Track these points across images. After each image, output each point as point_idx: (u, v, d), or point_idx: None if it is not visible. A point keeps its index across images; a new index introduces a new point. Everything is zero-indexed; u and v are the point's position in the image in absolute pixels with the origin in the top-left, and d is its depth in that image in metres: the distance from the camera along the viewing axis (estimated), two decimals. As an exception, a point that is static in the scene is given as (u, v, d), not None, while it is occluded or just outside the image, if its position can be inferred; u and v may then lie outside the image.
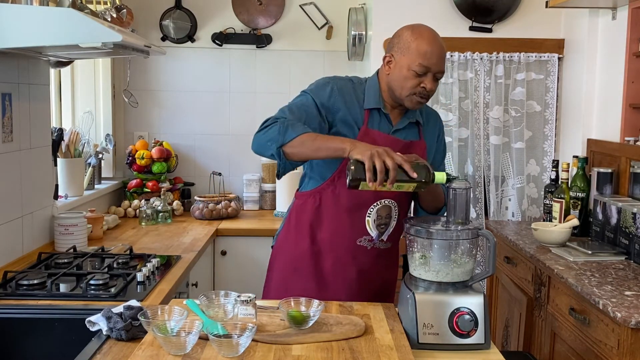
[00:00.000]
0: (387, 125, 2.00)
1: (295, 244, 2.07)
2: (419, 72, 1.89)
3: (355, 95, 1.99)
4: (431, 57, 1.87)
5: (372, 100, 1.99)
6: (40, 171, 2.71)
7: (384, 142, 1.92)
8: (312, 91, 2.00)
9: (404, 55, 1.91)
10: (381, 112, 2.00)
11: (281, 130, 1.82)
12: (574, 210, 2.93)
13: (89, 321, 1.68)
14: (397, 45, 1.93)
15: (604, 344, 2.01)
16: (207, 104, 4.00)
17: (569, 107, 3.48)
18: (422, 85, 1.90)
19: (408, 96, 1.93)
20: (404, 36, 1.93)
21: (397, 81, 1.93)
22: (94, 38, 2.04)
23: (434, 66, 1.89)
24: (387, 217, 2.01)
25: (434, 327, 1.63)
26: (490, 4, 3.50)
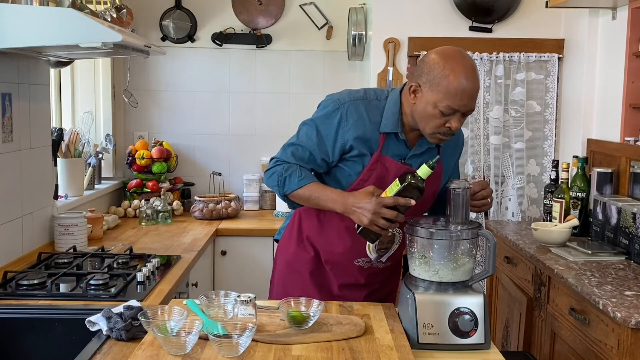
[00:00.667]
0: (403, 149, 1.90)
1: (297, 247, 2.04)
2: (445, 113, 1.75)
3: (369, 116, 1.86)
4: (462, 99, 1.72)
5: (389, 124, 1.86)
6: (40, 171, 2.71)
7: (395, 172, 1.86)
8: (318, 120, 1.90)
9: (432, 90, 1.75)
10: (398, 137, 1.89)
11: (279, 183, 1.88)
12: (574, 210, 2.93)
13: (89, 321, 1.68)
14: (427, 76, 1.77)
15: (604, 344, 2.01)
16: (207, 104, 4.00)
17: (569, 107, 3.48)
18: (447, 125, 1.77)
19: (431, 134, 1.81)
20: (435, 68, 1.75)
21: (421, 116, 1.80)
22: (94, 38, 2.04)
23: (464, 108, 1.75)
24: (389, 243, 1.96)
25: (434, 327, 1.63)
26: (490, 4, 3.50)
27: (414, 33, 3.51)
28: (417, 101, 1.80)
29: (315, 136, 1.89)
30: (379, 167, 1.87)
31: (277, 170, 1.89)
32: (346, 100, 1.88)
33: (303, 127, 1.94)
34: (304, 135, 1.92)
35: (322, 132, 1.88)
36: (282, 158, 1.91)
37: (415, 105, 1.81)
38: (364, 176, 1.88)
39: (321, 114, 1.91)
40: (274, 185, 1.91)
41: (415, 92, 1.81)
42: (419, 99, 1.80)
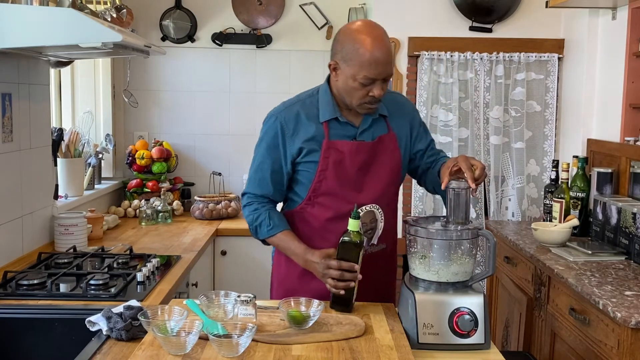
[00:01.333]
0: (350, 130, 1.95)
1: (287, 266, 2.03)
2: (365, 84, 1.82)
3: (307, 114, 1.94)
4: (377, 67, 1.79)
5: (327, 112, 1.93)
6: (40, 171, 2.71)
7: (349, 150, 1.91)
8: (264, 138, 1.99)
9: (347, 65, 1.83)
10: (340, 121, 1.94)
11: (252, 230, 1.99)
12: (574, 210, 2.93)
13: (89, 321, 1.68)
14: (340, 53, 1.85)
15: (604, 344, 2.01)
16: (207, 104, 4.00)
17: (569, 107, 3.48)
18: (370, 94, 1.84)
19: (359, 105, 1.88)
20: (346, 44, 1.83)
21: (345, 90, 1.87)
22: (94, 38, 2.04)
23: (380, 75, 1.81)
24: (372, 222, 1.96)
25: (434, 327, 1.63)
26: (490, 4, 3.50)
27: (414, 33, 3.51)
28: (339, 78, 1.88)
29: (268, 155, 1.97)
30: (333, 153, 1.92)
31: (248, 219, 1.99)
32: (281, 110, 1.99)
33: (255, 152, 2.03)
34: (258, 160, 2.00)
35: (271, 147, 1.96)
36: (250, 191, 2.01)
37: (337, 82, 1.90)
38: (322, 166, 1.92)
39: (264, 132, 2.00)
40: (250, 228, 2.01)
41: (335, 69, 1.89)
42: (339, 75, 1.87)
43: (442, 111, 3.52)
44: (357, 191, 1.94)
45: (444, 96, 3.51)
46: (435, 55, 3.48)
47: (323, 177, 1.92)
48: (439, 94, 3.52)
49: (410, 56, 3.53)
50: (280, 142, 1.95)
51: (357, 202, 1.90)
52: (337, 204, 1.93)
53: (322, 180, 1.92)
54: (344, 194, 1.93)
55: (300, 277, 1.99)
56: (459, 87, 3.49)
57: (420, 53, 3.49)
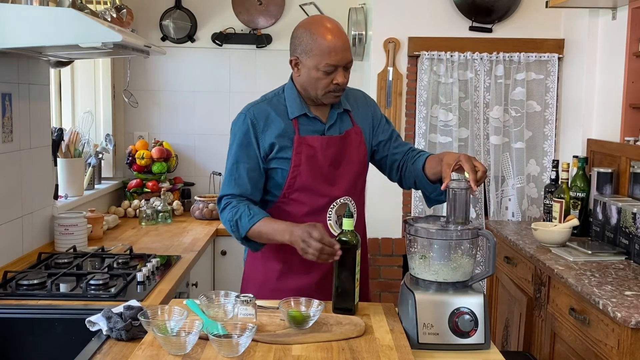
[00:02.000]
0: (319, 125, 1.98)
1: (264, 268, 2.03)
2: (328, 72, 1.87)
3: (275, 111, 1.97)
4: (336, 53, 1.86)
5: (295, 109, 1.97)
6: (40, 171, 2.71)
7: (320, 144, 1.94)
8: (235, 137, 1.99)
9: (308, 56, 1.89)
10: (308, 116, 1.97)
11: (233, 229, 1.91)
12: (574, 210, 2.93)
13: (89, 321, 1.68)
14: (299, 47, 1.91)
15: (604, 344, 2.01)
16: (207, 104, 4.00)
17: (569, 107, 3.48)
18: (334, 82, 1.89)
19: (324, 95, 1.92)
20: (303, 37, 1.90)
21: (309, 82, 1.92)
22: (94, 38, 2.04)
23: (341, 61, 1.87)
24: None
25: (434, 327, 1.63)
26: (490, 4, 3.50)
27: (414, 33, 3.51)
28: (301, 72, 1.94)
29: (242, 154, 1.96)
30: (304, 148, 1.93)
31: (227, 217, 1.92)
32: (249, 107, 2.01)
33: (228, 154, 2.01)
34: (232, 160, 1.98)
35: (244, 145, 1.96)
36: (228, 192, 1.95)
37: (300, 77, 1.95)
38: (295, 162, 1.93)
39: (234, 131, 2.01)
40: (230, 230, 1.94)
41: (297, 64, 1.95)
42: (301, 69, 1.93)
43: (442, 111, 3.52)
44: (330, 185, 1.97)
45: (444, 96, 3.51)
46: (435, 55, 3.48)
47: (297, 173, 1.93)
48: (439, 94, 3.52)
49: (410, 56, 3.53)
50: (253, 139, 1.96)
51: (331, 195, 1.95)
52: (312, 199, 1.95)
53: (297, 175, 1.94)
54: (318, 189, 1.95)
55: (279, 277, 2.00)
56: (459, 87, 3.49)
57: (420, 53, 3.49)
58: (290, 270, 2.00)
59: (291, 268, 2.00)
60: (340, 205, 1.98)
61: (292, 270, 2.00)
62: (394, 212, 3.63)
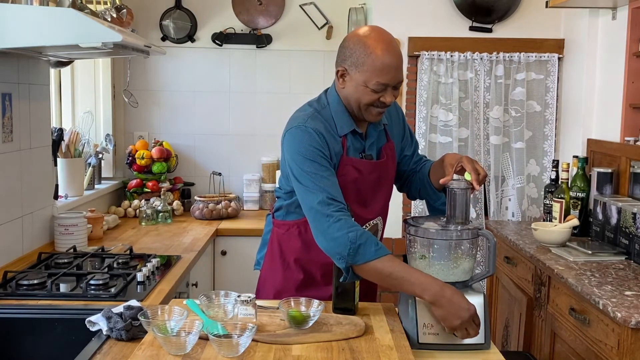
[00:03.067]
0: (359, 143, 1.89)
1: (284, 276, 2.00)
2: (377, 90, 1.77)
3: (327, 126, 1.83)
4: (389, 72, 1.75)
5: (345, 125, 1.85)
6: (40, 171, 2.71)
7: (365, 168, 1.87)
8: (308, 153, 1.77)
9: (358, 70, 1.77)
10: (355, 133, 1.88)
11: (351, 251, 1.64)
12: (574, 210, 2.93)
13: (89, 321, 1.68)
14: (350, 59, 1.79)
15: (604, 344, 2.01)
16: (207, 104, 4.00)
17: (569, 107, 3.48)
18: (381, 100, 1.79)
19: (367, 110, 1.81)
20: (356, 49, 1.77)
21: (354, 96, 1.80)
22: (94, 38, 2.04)
23: (392, 80, 1.77)
24: (374, 234, 1.92)
25: (434, 327, 1.63)
26: (490, 4, 3.50)
27: (414, 33, 3.51)
28: (347, 84, 1.82)
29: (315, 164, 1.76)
30: (350, 170, 1.85)
31: (350, 233, 1.64)
32: (306, 121, 1.81)
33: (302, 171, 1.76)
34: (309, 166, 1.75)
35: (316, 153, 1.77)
36: (330, 196, 1.70)
37: (345, 89, 1.83)
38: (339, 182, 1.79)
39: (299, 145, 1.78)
40: (340, 252, 1.65)
41: (343, 76, 1.82)
42: (347, 82, 1.81)
43: (442, 111, 3.52)
44: (364, 206, 1.91)
45: (444, 96, 3.51)
46: (435, 55, 3.48)
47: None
48: (439, 94, 3.52)
49: (410, 56, 3.53)
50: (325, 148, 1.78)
51: (363, 217, 1.88)
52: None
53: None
54: (355, 212, 1.84)
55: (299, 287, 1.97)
56: (459, 87, 3.49)
57: (420, 53, 3.49)
58: (312, 281, 1.98)
59: (313, 279, 1.98)
60: (371, 227, 1.93)
61: (314, 281, 1.98)
62: (394, 212, 3.60)
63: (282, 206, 2.00)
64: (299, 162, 1.77)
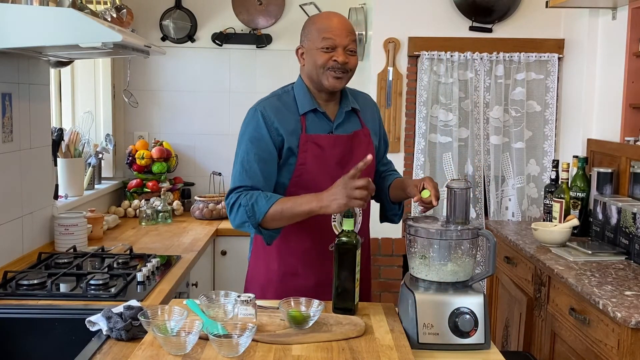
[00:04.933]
0: (326, 124, 1.97)
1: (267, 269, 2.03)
2: (326, 47, 1.89)
3: (285, 107, 1.95)
4: (333, 29, 1.89)
5: (305, 104, 1.96)
6: (40, 171, 2.71)
7: (327, 143, 1.93)
8: (246, 132, 1.93)
9: (309, 40, 1.93)
10: (317, 112, 1.96)
11: (249, 212, 1.82)
12: (574, 210, 2.93)
13: (89, 321, 1.68)
14: (303, 35, 1.97)
15: (604, 344, 2.01)
16: (207, 104, 4.00)
17: (569, 107, 3.48)
18: (333, 59, 1.89)
19: (323, 73, 1.91)
20: (306, 26, 1.97)
21: (311, 64, 1.93)
22: (94, 38, 2.04)
23: (339, 37, 1.89)
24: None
25: (434, 327, 1.63)
26: (490, 4, 3.50)
27: (414, 33, 3.51)
28: (305, 60, 1.96)
29: (252, 147, 1.91)
30: (311, 146, 1.92)
31: (242, 202, 1.84)
32: (259, 103, 1.98)
33: (238, 148, 1.95)
34: (242, 154, 1.92)
35: (255, 139, 1.91)
36: (239, 185, 1.89)
37: (305, 65, 1.97)
38: (300, 160, 1.92)
39: (245, 126, 1.96)
40: (243, 221, 1.84)
41: (302, 54, 1.98)
42: (306, 57, 1.96)
43: (442, 111, 3.52)
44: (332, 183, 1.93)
45: (444, 96, 3.51)
46: (435, 55, 3.48)
47: (302, 172, 1.92)
48: (439, 94, 3.52)
49: (410, 56, 3.53)
50: (265, 131, 1.91)
51: None
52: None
53: (301, 174, 1.92)
54: (323, 188, 1.87)
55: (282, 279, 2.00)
56: (459, 87, 3.49)
57: (420, 53, 3.49)
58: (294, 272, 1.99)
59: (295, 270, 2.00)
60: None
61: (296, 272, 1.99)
62: (394, 212, 3.63)
63: None
64: (240, 139, 1.95)
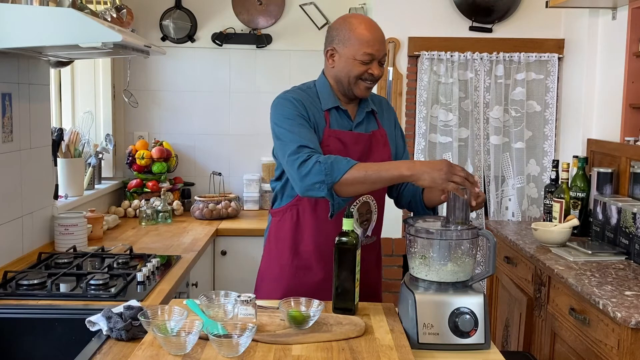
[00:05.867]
0: (347, 122, 2.01)
1: (280, 265, 2.05)
2: (365, 61, 1.92)
3: (311, 100, 1.98)
4: (374, 44, 1.91)
5: (328, 101, 1.99)
6: (40, 171, 2.71)
7: (349, 139, 1.96)
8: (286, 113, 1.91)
9: (346, 46, 1.93)
10: (339, 110, 2.00)
11: (327, 170, 1.75)
12: (574, 210, 2.93)
13: (89, 321, 1.68)
14: (337, 38, 1.96)
15: (604, 344, 2.01)
16: (207, 104, 4.00)
17: (569, 107, 3.48)
18: (369, 72, 1.93)
19: (356, 83, 1.95)
20: (342, 28, 1.95)
21: (343, 72, 1.95)
22: (94, 38, 2.04)
23: (378, 52, 1.92)
24: (367, 213, 2.02)
25: (434, 327, 1.63)
26: (490, 4, 3.50)
27: (414, 33, 3.51)
28: (336, 63, 1.98)
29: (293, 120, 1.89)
30: (333, 141, 1.94)
31: (320, 159, 1.76)
32: (286, 93, 2.00)
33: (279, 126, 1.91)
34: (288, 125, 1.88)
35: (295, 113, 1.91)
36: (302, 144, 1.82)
37: (335, 68, 1.98)
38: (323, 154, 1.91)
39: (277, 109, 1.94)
40: (317, 181, 1.75)
41: (332, 55, 1.99)
42: (337, 60, 1.97)
43: (442, 111, 3.52)
44: None
45: (444, 96, 3.51)
46: (435, 55, 3.48)
47: None
48: (439, 94, 3.52)
49: (410, 56, 3.53)
50: (303, 111, 1.92)
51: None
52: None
53: None
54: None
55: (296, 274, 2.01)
56: (459, 87, 3.49)
57: (420, 53, 3.49)
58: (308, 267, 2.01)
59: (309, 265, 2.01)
60: (362, 203, 1.99)
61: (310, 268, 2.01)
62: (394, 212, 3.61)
63: (276, 194, 2.09)
64: (278, 122, 1.92)
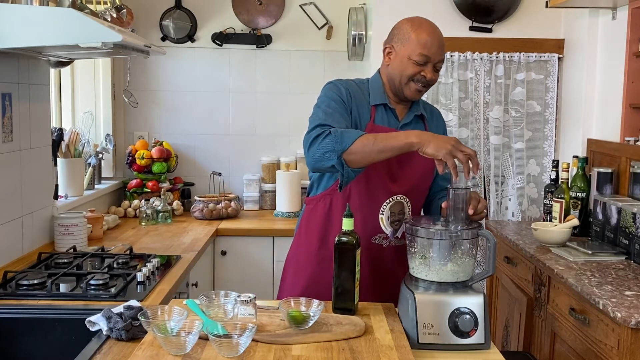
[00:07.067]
0: (394, 121, 2.01)
1: (307, 251, 2.05)
2: (419, 62, 1.92)
3: (360, 93, 2.00)
4: (431, 47, 1.91)
5: (377, 97, 2.00)
6: (40, 171, 2.71)
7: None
8: (329, 95, 1.96)
9: (403, 45, 1.95)
10: (387, 108, 2.01)
11: (337, 139, 1.76)
12: (574, 210, 2.93)
13: (89, 321, 1.68)
14: (397, 36, 1.98)
15: (604, 344, 2.01)
16: (207, 104, 4.00)
17: (569, 107, 3.48)
18: (422, 74, 1.93)
19: (407, 83, 1.95)
20: (403, 27, 1.97)
21: (397, 70, 1.96)
22: (94, 38, 2.04)
23: (434, 55, 1.92)
24: (400, 214, 2.00)
25: (434, 327, 1.63)
26: (490, 4, 3.50)
27: (414, 33, 3.51)
28: (392, 61, 1.99)
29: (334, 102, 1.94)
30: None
31: (332, 131, 1.79)
32: (339, 79, 2.04)
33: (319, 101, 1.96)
34: (325, 103, 1.93)
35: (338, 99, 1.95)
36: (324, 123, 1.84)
37: (390, 65, 2.00)
38: None
39: (327, 91, 1.98)
40: (327, 150, 1.77)
41: (390, 53, 2.00)
42: (393, 58, 1.99)
43: (442, 111, 3.49)
44: (392, 181, 1.97)
45: (444, 96, 3.51)
46: (435, 55, 3.47)
47: None
48: (439, 94, 3.52)
49: (410, 56, 3.53)
50: (346, 98, 1.95)
51: (390, 191, 1.96)
52: (370, 190, 1.95)
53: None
54: (379, 181, 1.95)
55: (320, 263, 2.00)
56: (459, 87, 3.49)
57: (420, 53, 3.48)
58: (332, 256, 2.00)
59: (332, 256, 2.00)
60: (395, 202, 1.98)
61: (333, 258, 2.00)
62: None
63: (313, 183, 2.09)
64: (319, 101, 1.96)
